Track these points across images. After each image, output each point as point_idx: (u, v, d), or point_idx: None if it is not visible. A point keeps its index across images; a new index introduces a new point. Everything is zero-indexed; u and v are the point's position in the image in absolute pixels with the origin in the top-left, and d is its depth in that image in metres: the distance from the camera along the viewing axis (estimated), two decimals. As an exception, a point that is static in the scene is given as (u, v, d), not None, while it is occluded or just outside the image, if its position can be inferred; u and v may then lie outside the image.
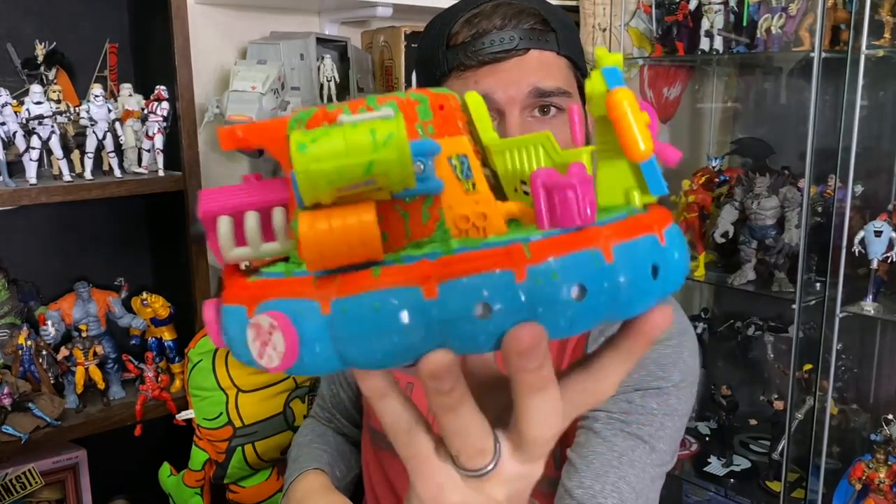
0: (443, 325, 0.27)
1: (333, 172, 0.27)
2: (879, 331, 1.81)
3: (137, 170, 1.40)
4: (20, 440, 1.28)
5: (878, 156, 1.73)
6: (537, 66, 0.72)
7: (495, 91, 0.71)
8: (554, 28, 0.73)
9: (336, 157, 0.27)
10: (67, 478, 1.46)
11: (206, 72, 1.62)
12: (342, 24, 1.82)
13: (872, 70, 1.55)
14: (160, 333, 1.49)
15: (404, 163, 0.27)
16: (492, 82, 0.72)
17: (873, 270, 1.59)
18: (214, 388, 1.31)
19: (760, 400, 1.86)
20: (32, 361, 1.35)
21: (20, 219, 1.45)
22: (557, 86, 0.72)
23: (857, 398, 1.81)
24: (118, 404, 1.43)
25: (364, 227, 0.28)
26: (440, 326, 0.27)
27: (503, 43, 0.71)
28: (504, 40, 0.71)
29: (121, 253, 1.60)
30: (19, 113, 1.23)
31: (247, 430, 1.32)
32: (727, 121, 2.15)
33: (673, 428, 0.77)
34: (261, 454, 1.34)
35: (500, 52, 0.71)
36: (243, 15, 1.69)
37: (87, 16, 1.49)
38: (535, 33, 0.72)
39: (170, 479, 1.40)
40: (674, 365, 0.78)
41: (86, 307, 1.46)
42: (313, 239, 0.28)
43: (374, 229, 0.28)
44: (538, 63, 0.72)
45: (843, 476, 1.62)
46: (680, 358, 0.79)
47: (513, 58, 0.72)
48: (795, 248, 1.68)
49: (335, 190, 0.28)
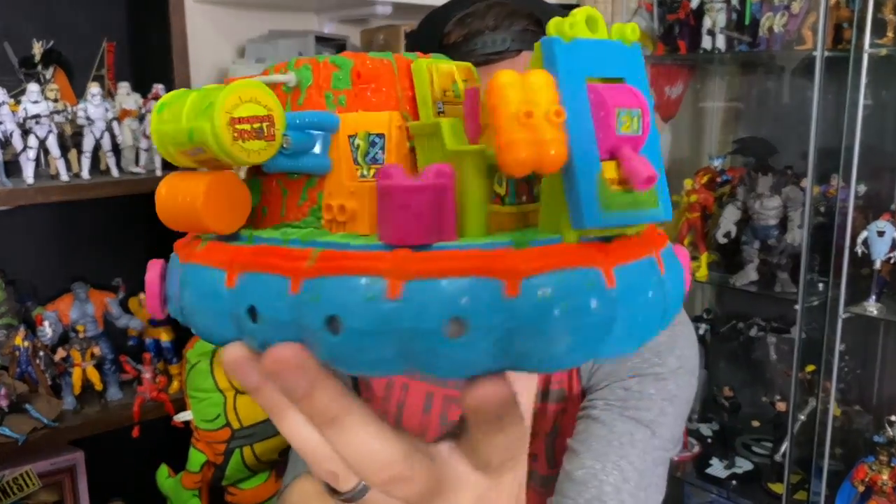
0: (237, 317, 0.27)
1: (167, 135, 0.28)
2: (882, 331, 1.80)
3: (135, 169, 1.39)
4: (17, 442, 1.27)
5: (881, 155, 1.72)
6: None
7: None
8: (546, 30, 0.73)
9: (173, 121, 0.28)
10: (65, 480, 1.45)
11: (204, 70, 1.61)
12: (341, 23, 1.82)
13: (875, 69, 1.54)
14: (158, 334, 1.48)
15: (218, 134, 0.26)
16: (482, 84, 0.71)
17: (876, 271, 1.58)
18: (213, 390, 1.30)
19: (763, 401, 1.86)
20: (29, 362, 1.34)
21: (17, 219, 1.44)
22: None
23: (860, 399, 1.80)
24: (116, 405, 1.43)
25: (191, 197, 0.28)
26: (237, 317, 0.27)
27: (495, 45, 0.70)
28: (496, 42, 0.70)
29: (118, 253, 1.59)
30: (16, 112, 1.22)
31: (245, 431, 1.31)
32: (729, 120, 2.14)
33: (674, 414, 0.77)
34: (259, 456, 1.33)
35: (491, 53, 0.71)
36: (241, 13, 1.68)
37: (84, 14, 1.48)
38: (527, 35, 0.71)
39: (168, 480, 1.40)
40: (669, 352, 0.78)
41: (83, 308, 1.45)
42: (161, 200, 0.29)
43: (197, 200, 0.28)
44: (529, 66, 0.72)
45: (846, 478, 1.61)
46: (675, 345, 0.79)
47: (504, 59, 0.71)
48: (798, 249, 1.67)
49: (181, 153, 0.28)
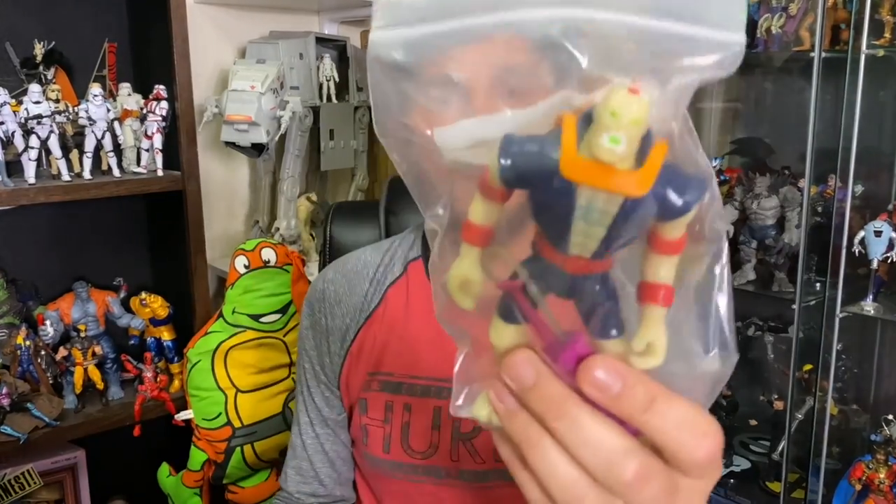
0: None
1: None
2: (880, 331, 1.80)
3: (136, 169, 1.40)
4: (19, 440, 1.28)
5: (878, 156, 1.72)
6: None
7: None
8: None
9: None
10: (66, 478, 1.46)
11: (205, 71, 1.61)
12: (342, 24, 1.82)
13: (873, 70, 1.55)
14: (159, 333, 1.49)
15: None
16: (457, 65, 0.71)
17: (873, 270, 1.58)
18: (213, 389, 1.31)
19: (760, 400, 1.86)
20: (31, 361, 1.34)
21: (19, 219, 1.45)
22: None
23: (858, 398, 1.81)
24: (117, 404, 1.43)
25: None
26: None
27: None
28: None
29: (119, 253, 1.59)
30: (18, 112, 1.23)
31: (246, 430, 1.32)
32: (727, 120, 2.14)
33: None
34: (260, 454, 1.33)
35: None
36: (242, 14, 1.68)
37: (85, 15, 1.49)
38: None
39: (169, 479, 1.40)
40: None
41: (84, 307, 1.45)
42: None
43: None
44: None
45: (844, 476, 1.62)
46: None
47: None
48: (795, 248, 1.68)
49: None
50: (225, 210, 1.73)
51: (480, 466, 0.77)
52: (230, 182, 1.74)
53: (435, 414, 0.78)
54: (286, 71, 1.57)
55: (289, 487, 0.89)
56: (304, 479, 0.89)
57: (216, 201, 1.69)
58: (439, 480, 0.78)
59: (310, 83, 1.63)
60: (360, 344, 0.83)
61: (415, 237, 0.86)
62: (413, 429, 0.79)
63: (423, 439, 0.78)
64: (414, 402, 0.79)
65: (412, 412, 0.79)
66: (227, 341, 1.33)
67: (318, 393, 0.87)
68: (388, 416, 0.80)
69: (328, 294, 0.86)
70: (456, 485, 0.78)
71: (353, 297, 0.84)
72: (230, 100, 1.47)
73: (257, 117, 1.45)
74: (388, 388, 0.80)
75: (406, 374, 0.80)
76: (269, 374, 1.35)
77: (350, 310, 0.84)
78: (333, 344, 0.85)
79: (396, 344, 0.81)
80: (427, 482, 0.78)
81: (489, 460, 0.76)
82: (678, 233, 0.29)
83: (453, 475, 0.77)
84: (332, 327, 0.85)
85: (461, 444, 0.77)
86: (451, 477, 0.78)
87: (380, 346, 0.82)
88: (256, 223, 1.73)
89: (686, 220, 0.28)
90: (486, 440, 0.75)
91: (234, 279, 1.36)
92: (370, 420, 0.81)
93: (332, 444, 0.88)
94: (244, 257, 1.35)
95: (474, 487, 0.77)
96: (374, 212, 1.14)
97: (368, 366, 0.82)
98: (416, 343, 0.80)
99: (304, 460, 0.89)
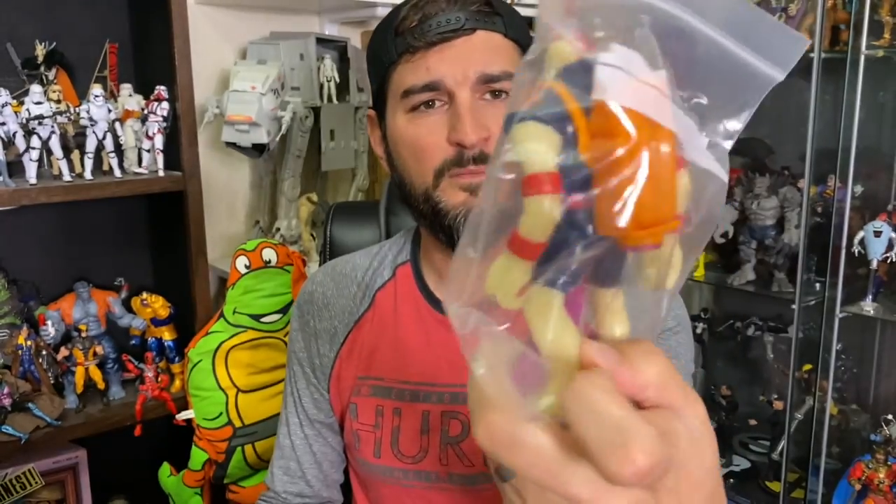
0: None
1: None
2: (879, 331, 1.81)
3: (137, 170, 1.40)
4: (20, 440, 1.28)
5: (877, 156, 1.72)
6: (484, 48, 0.72)
7: (443, 70, 0.71)
8: (499, 12, 0.74)
9: None
10: (67, 478, 1.46)
11: (206, 72, 1.62)
12: (342, 24, 1.82)
13: (872, 70, 1.55)
14: (160, 333, 1.49)
15: None
16: (437, 60, 0.71)
17: (873, 271, 1.59)
18: (214, 389, 1.31)
19: (760, 400, 1.86)
20: (32, 361, 1.35)
21: (20, 219, 1.45)
22: (504, 69, 0.72)
23: (857, 398, 1.81)
24: (118, 404, 1.44)
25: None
26: None
27: (450, 23, 0.71)
28: (451, 21, 0.71)
29: (121, 253, 1.60)
30: (19, 113, 1.23)
31: (247, 430, 1.32)
32: (727, 121, 2.15)
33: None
34: (261, 454, 1.34)
35: (447, 31, 0.71)
36: (243, 15, 1.69)
37: (86, 16, 1.49)
38: (481, 15, 0.72)
39: (170, 479, 1.40)
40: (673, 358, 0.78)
41: (86, 307, 1.46)
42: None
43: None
44: (485, 45, 0.72)
45: (843, 476, 1.62)
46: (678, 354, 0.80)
47: (460, 37, 0.71)
48: (795, 249, 1.68)
49: None
50: (226, 210, 1.74)
51: (469, 470, 0.77)
52: (231, 182, 1.74)
53: (423, 418, 0.78)
54: (287, 71, 1.58)
55: (276, 487, 0.90)
56: (292, 479, 0.89)
57: (217, 202, 1.69)
58: (430, 484, 0.79)
59: (310, 84, 1.63)
60: (350, 346, 0.84)
61: (405, 241, 0.87)
62: (403, 433, 0.79)
63: (412, 444, 0.79)
64: (403, 406, 0.80)
65: (402, 417, 0.79)
66: (228, 341, 1.33)
67: (307, 395, 0.88)
68: (379, 420, 0.81)
69: (316, 297, 0.87)
70: (446, 488, 0.78)
71: (341, 299, 0.85)
72: (231, 100, 1.47)
73: (258, 118, 1.46)
74: (379, 392, 0.81)
75: (395, 379, 0.80)
76: (270, 374, 1.36)
77: (338, 312, 0.85)
78: (322, 346, 0.86)
79: (385, 347, 0.82)
80: (418, 486, 0.79)
81: (478, 463, 0.76)
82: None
83: (443, 479, 0.78)
84: (320, 329, 0.86)
85: (450, 447, 0.77)
86: (442, 480, 0.78)
87: (369, 350, 0.82)
88: (257, 223, 1.73)
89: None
90: (474, 443, 0.76)
91: (234, 279, 1.36)
92: (361, 425, 0.82)
93: (320, 446, 0.89)
94: (245, 257, 1.36)
95: (464, 490, 0.78)
96: (374, 212, 1.14)
97: (358, 369, 0.83)
98: (405, 347, 0.80)
99: (293, 460, 0.89)
